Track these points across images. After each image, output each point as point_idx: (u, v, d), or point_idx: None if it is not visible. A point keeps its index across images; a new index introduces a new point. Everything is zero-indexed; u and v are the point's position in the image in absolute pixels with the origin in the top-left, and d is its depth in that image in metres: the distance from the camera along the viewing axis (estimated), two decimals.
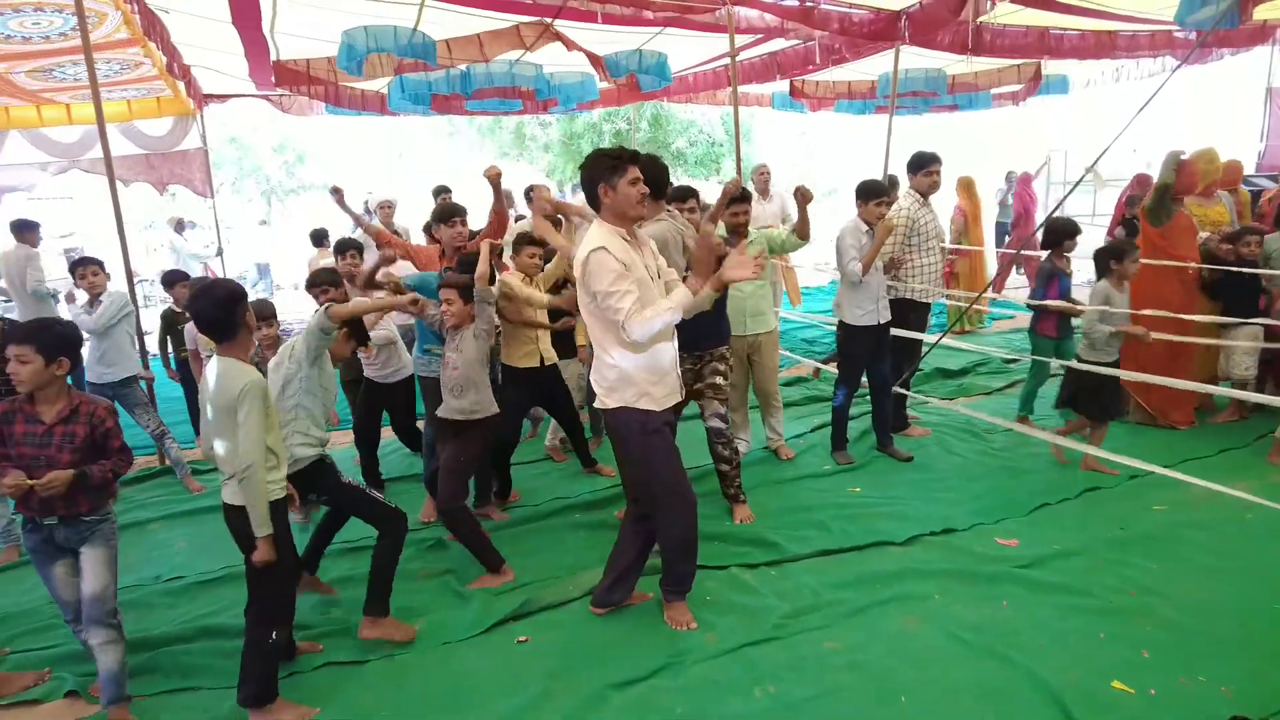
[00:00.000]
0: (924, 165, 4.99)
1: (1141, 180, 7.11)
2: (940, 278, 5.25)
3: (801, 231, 4.46)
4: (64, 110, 7.85)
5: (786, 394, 6.00)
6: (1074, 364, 4.44)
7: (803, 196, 4.31)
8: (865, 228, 4.63)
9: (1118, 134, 3.88)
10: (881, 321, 4.76)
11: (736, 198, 4.47)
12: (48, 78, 6.75)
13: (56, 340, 2.61)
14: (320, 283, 4.04)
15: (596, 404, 3.02)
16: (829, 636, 3.02)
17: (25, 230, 6.75)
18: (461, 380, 3.62)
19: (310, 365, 3.09)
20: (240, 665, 2.70)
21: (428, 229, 5.16)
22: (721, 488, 4.20)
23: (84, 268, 4.80)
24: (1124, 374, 4.60)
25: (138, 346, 5.07)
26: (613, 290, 2.73)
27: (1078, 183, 4.51)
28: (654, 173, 3.33)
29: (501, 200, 4.37)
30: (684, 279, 2.94)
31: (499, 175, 4.21)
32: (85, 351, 4.38)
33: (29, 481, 2.53)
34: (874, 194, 4.61)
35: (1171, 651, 2.82)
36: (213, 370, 2.61)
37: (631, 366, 2.88)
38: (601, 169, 2.83)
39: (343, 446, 5.07)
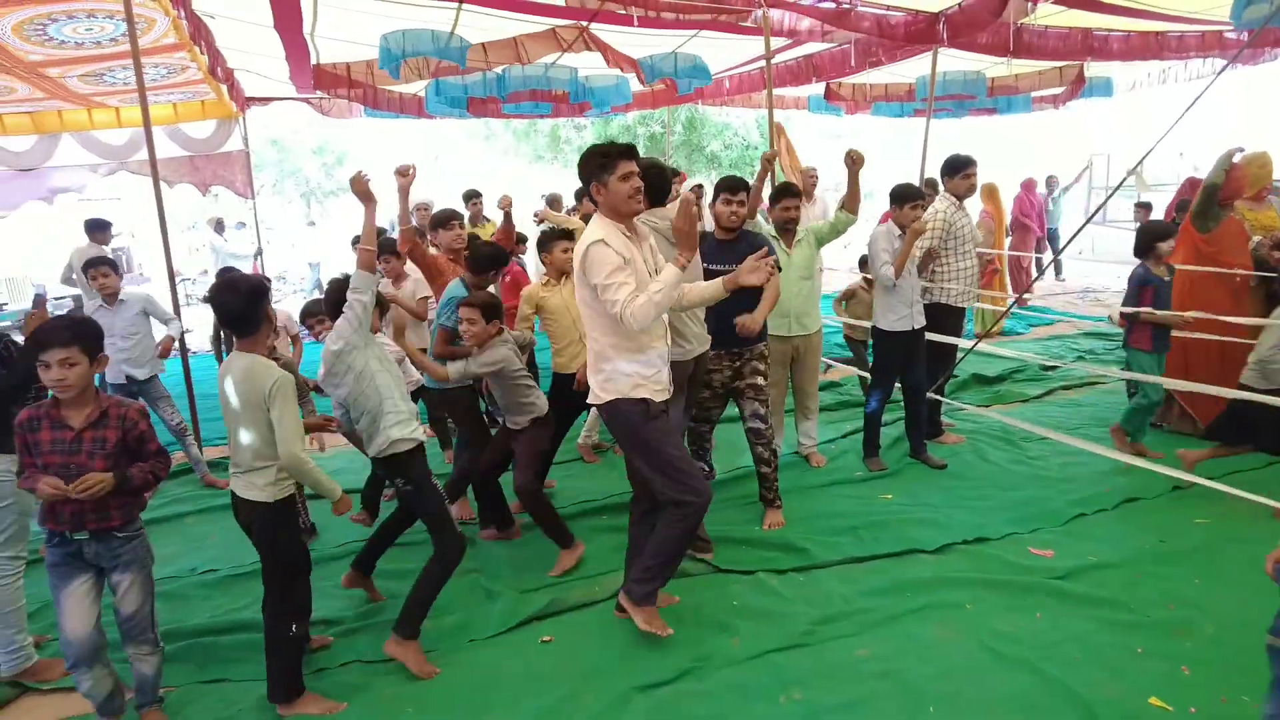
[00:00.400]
0: (961, 168, 4.93)
1: (1193, 184, 6.92)
2: (976, 281, 5.17)
3: (851, 203, 4.42)
4: (113, 114, 8.07)
5: (819, 398, 5.94)
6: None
7: (854, 161, 4.26)
8: (898, 232, 4.58)
9: (1161, 136, 3.79)
10: (916, 327, 4.69)
11: (784, 192, 4.45)
12: (99, 82, 6.94)
13: (96, 338, 2.50)
14: (314, 313, 4.04)
15: (591, 399, 2.99)
16: (858, 644, 2.99)
17: (97, 230, 7.08)
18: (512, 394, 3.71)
19: (365, 339, 2.96)
20: (265, 661, 2.76)
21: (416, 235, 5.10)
22: (760, 489, 4.14)
23: (95, 269, 4.79)
24: (1173, 383, 4.50)
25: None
26: (609, 282, 2.74)
27: (1118, 186, 4.42)
28: (652, 179, 3.34)
29: (510, 226, 4.60)
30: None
31: (510, 204, 4.35)
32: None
33: (64, 487, 2.35)
34: (907, 198, 4.56)
35: (1212, 669, 2.74)
36: (235, 365, 2.64)
37: (625, 363, 2.90)
38: (592, 167, 2.84)
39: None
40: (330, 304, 3.31)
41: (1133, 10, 6.14)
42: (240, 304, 2.63)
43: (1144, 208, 9.58)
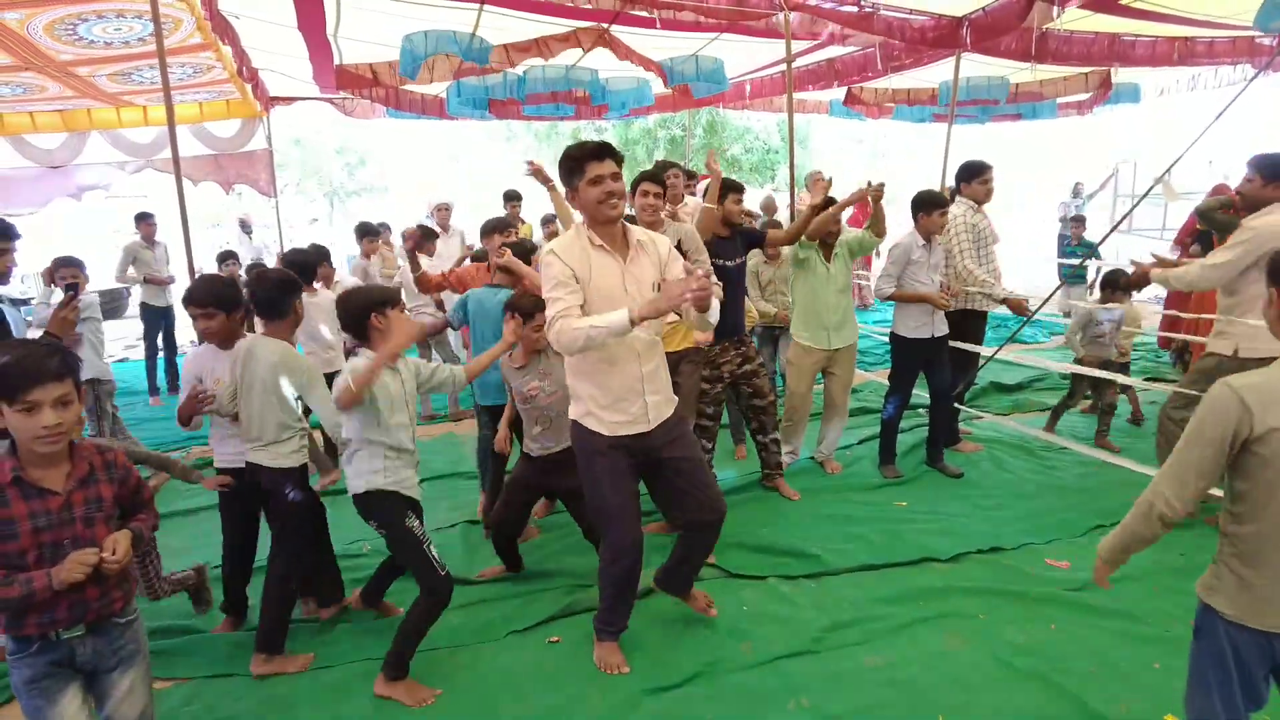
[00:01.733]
0: (978, 173, 4.89)
1: (1219, 190, 6.83)
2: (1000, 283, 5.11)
3: (877, 229, 4.46)
4: (141, 112, 8.19)
5: None
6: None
7: (875, 194, 4.28)
8: (922, 242, 4.53)
9: (1189, 146, 3.73)
10: (936, 335, 4.64)
11: (824, 208, 4.44)
12: (126, 81, 7.05)
13: (77, 363, 1.93)
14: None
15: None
16: (868, 652, 2.96)
17: (139, 221, 7.50)
18: (558, 406, 3.30)
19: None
20: (260, 610, 2.99)
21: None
22: (764, 466, 4.55)
23: (65, 269, 4.85)
24: (1190, 392, 4.42)
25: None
26: (547, 295, 2.62)
27: (1144, 195, 4.35)
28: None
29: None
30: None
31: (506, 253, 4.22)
32: None
33: (93, 558, 1.83)
34: (935, 204, 4.51)
35: None
36: (265, 349, 2.92)
37: (579, 382, 2.75)
38: (563, 171, 2.67)
39: None
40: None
41: (1160, 15, 6.06)
42: (274, 291, 2.98)
43: (1077, 222, 9.37)
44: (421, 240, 5.61)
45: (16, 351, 1.79)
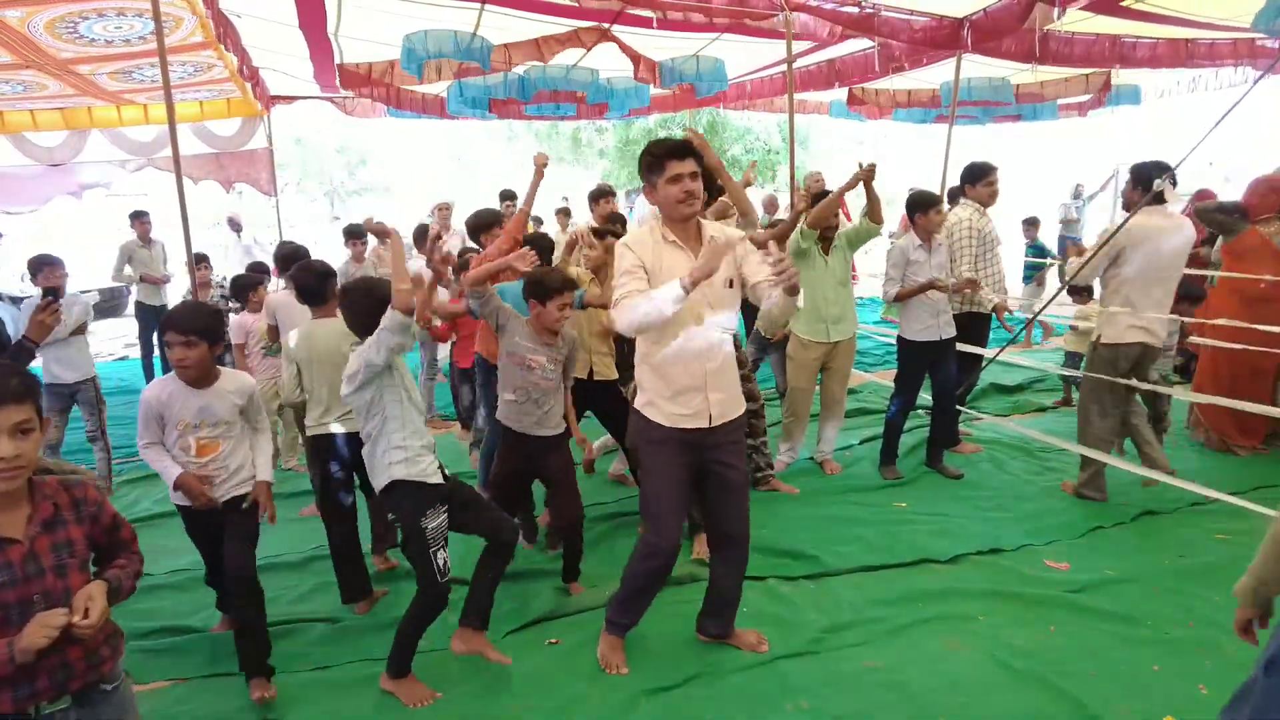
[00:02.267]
0: (982, 175, 4.87)
1: (1203, 195, 6.85)
2: (1003, 286, 5.09)
3: (873, 214, 4.42)
4: (142, 110, 8.18)
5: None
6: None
7: (867, 175, 4.20)
8: (918, 242, 4.53)
9: (1189, 152, 3.74)
10: (943, 338, 4.63)
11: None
12: (127, 79, 7.04)
13: (36, 384, 1.67)
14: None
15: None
16: (867, 654, 2.96)
17: (134, 220, 7.57)
18: (548, 392, 3.40)
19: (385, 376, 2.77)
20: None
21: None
22: (756, 466, 4.51)
23: (47, 268, 4.86)
24: (1193, 396, 4.44)
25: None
26: (616, 282, 2.68)
27: (1146, 199, 4.33)
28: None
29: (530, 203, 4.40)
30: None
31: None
32: (44, 357, 4.60)
33: (61, 620, 1.51)
34: (929, 204, 4.52)
35: (1231, 689, 2.66)
36: (325, 329, 3.35)
37: (645, 372, 2.78)
38: (642, 166, 2.69)
39: None
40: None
41: (1161, 17, 6.06)
42: (315, 280, 3.40)
43: (1030, 224, 9.18)
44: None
45: None
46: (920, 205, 4.53)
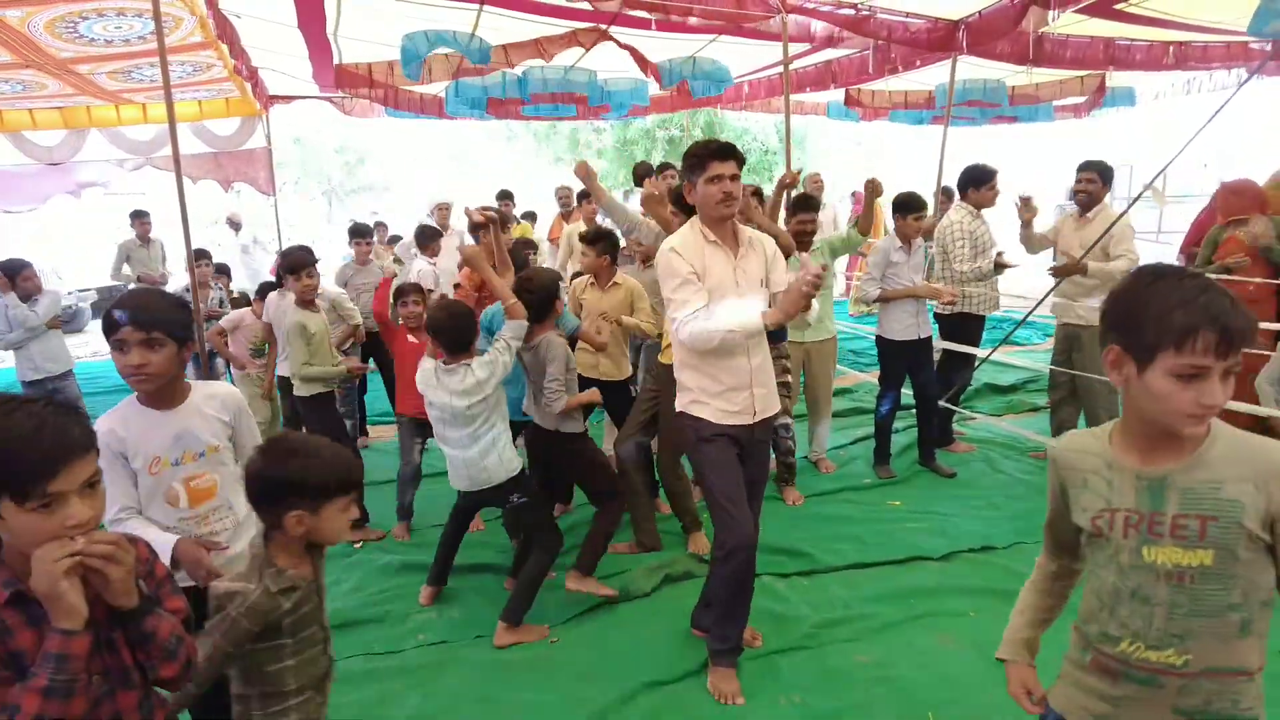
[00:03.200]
0: (985, 180, 4.85)
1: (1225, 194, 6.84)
2: (996, 288, 5.13)
3: (864, 226, 4.46)
4: (140, 110, 8.20)
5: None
6: None
7: (872, 190, 4.29)
8: (899, 244, 4.57)
9: (1177, 154, 3.79)
10: (921, 336, 4.70)
11: (801, 205, 4.47)
12: (126, 79, 7.06)
13: (94, 433, 1.31)
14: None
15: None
16: (859, 649, 3.00)
17: (134, 219, 7.65)
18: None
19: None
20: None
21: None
22: (780, 474, 4.47)
23: (23, 272, 4.96)
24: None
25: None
26: (673, 296, 2.67)
27: (1134, 200, 4.42)
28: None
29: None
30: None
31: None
32: (25, 351, 4.77)
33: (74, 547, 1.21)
34: (910, 208, 4.55)
35: None
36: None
37: (688, 373, 2.78)
38: (686, 165, 2.71)
39: None
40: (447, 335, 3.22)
41: (1154, 20, 6.10)
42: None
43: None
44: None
45: (22, 422, 1.19)
46: (900, 209, 4.58)
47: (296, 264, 3.99)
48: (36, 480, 1.18)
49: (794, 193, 4.85)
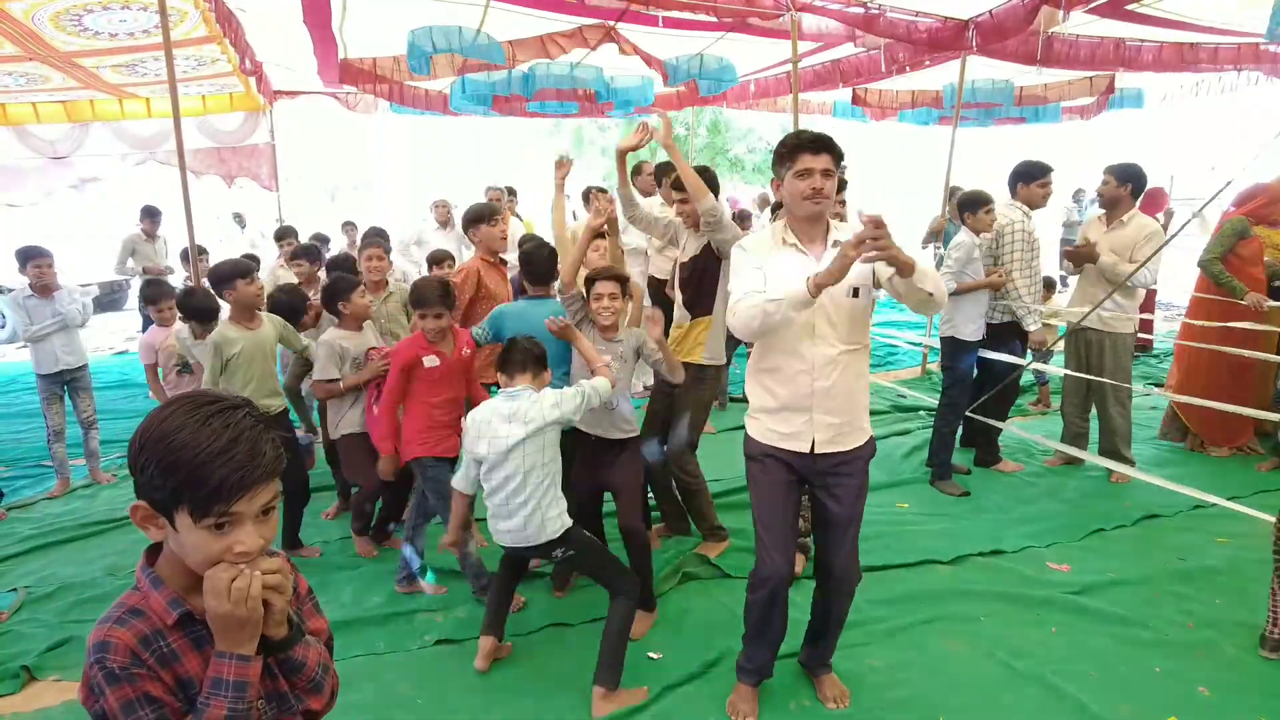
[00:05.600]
0: (1040, 175, 4.55)
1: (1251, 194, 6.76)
2: (1040, 296, 4.87)
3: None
4: (144, 104, 8.18)
5: None
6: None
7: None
8: (977, 240, 4.45)
9: (1226, 186, 3.67)
10: (983, 336, 4.55)
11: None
12: (130, 73, 7.03)
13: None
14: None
15: None
16: (869, 653, 2.96)
17: (144, 216, 7.63)
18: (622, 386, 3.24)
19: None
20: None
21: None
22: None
23: (39, 260, 4.89)
24: (1179, 398, 4.46)
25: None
26: (730, 290, 2.44)
27: (1182, 226, 4.36)
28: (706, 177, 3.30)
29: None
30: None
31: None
32: (46, 344, 4.76)
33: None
34: (980, 203, 4.42)
35: (1232, 690, 2.69)
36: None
37: (752, 384, 2.59)
38: (775, 157, 2.47)
39: None
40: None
41: (1166, 21, 6.06)
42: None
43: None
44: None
45: (218, 433, 1.11)
46: (969, 205, 4.43)
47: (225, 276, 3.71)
48: (219, 499, 1.10)
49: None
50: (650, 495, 3.81)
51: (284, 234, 6.95)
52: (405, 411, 3.41)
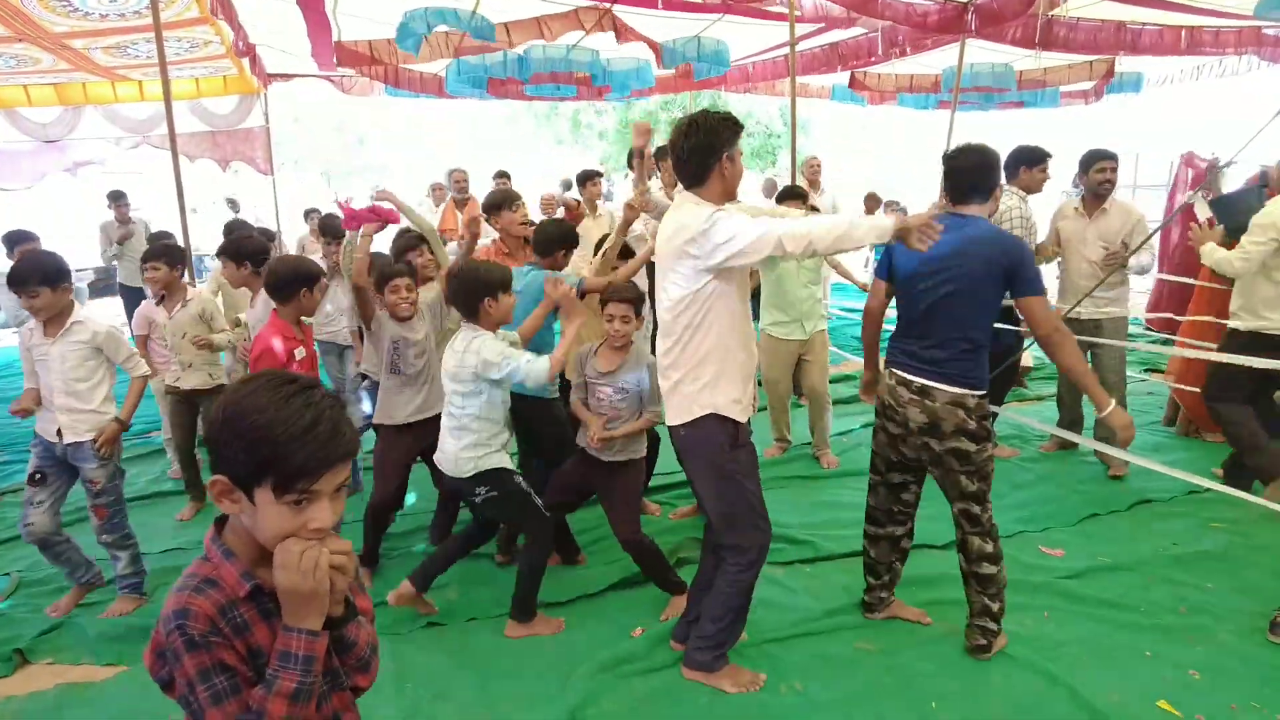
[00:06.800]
0: (1038, 161, 4.47)
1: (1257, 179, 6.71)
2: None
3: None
4: (137, 87, 8.11)
5: (833, 391, 5.90)
6: None
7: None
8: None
9: (1236, 151, 3.64)
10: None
11: (789, 195, 4.38)
12: (122, 55, 6.97)
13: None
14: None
15: (673, 419, 2.57)
16: (861, 637, 2.97)
17: (112, 200, 7.42)
18: (624, 413, 3.13)
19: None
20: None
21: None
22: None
23: (24, 244, 4.90)
24: (1178, 386, 4.45)
25: None
26: (747, 228, 2.33)
27: (1178, 212, 4.31)
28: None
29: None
30: None
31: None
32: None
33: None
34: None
35: (1223, 675, 2.70)
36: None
37: (718, 364, 2.49)
38: (727, 135, 2.42)
39: None
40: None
41: (1166, 3, 6.02)
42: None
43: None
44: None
45: (300, 412, 1.13)
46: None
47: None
48: (303, 476, 1.13)
49: (781, 185, 4.72)
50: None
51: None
52: None
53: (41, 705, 2.75)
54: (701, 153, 2.43)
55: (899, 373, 2.78)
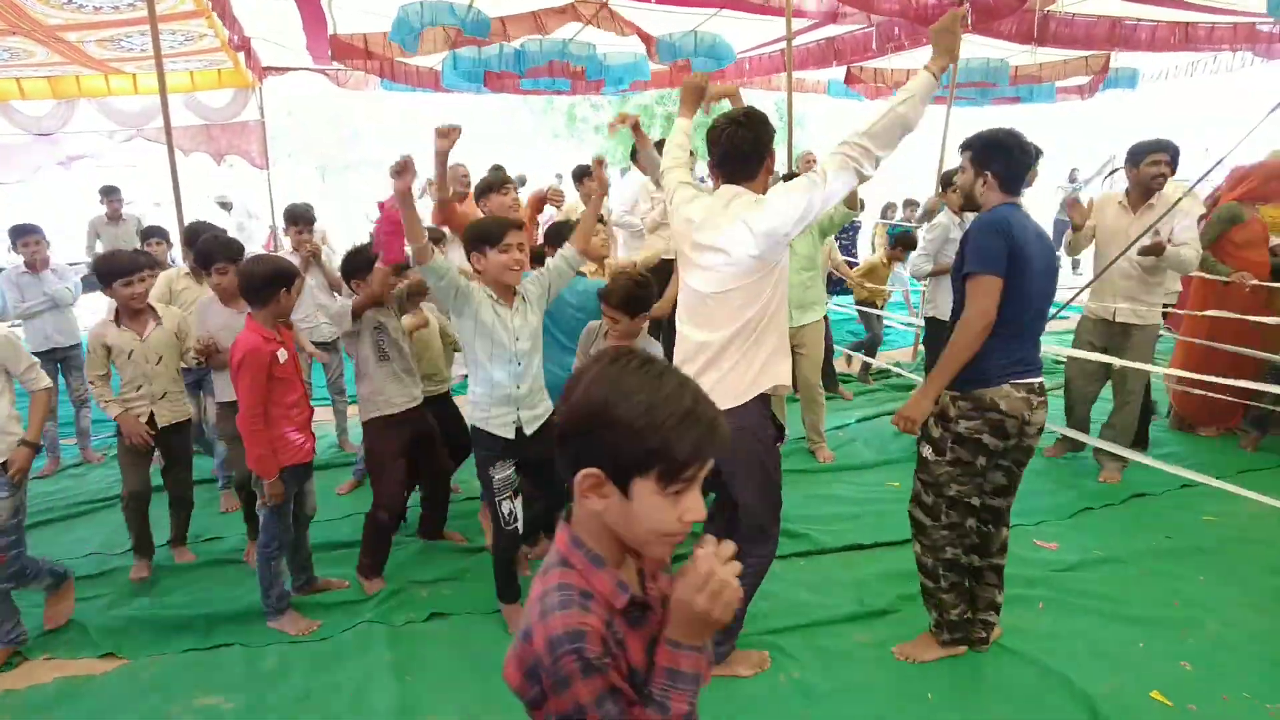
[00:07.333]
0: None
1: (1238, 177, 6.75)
2: None
3: (850, 201, 4.34)
4: (131, 80, 8.06)
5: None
6: None
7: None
8: (959, 220, 4.50)
9: (1234, 144, 3.63)
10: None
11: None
12: (116, 47, 6.93)
13: None
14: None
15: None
16: (857, 629, 2.99)
17: (104, 195, 7.36)
18: None
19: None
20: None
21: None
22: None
23: (27, 237, 4.87)
24: (1171, 370, 4.46)
25: None
26: (793, 198, 2.37)
27: (1175, 204, 4.20)
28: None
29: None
30: None
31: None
32: (38, 322, 4.80)
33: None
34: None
35: (1215, 666, 2.72)
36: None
37: (758, 343, 2.51)
38: (771, 132, 2.53)
39: None
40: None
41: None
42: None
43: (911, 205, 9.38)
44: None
45: (680, 393, 1.03)
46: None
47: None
48: (692, 462, 1.01)
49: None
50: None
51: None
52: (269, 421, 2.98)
53: (42, 698, 2.76)
54: (761, 146, 2.51)
55: (1028, 381, 2.55)
